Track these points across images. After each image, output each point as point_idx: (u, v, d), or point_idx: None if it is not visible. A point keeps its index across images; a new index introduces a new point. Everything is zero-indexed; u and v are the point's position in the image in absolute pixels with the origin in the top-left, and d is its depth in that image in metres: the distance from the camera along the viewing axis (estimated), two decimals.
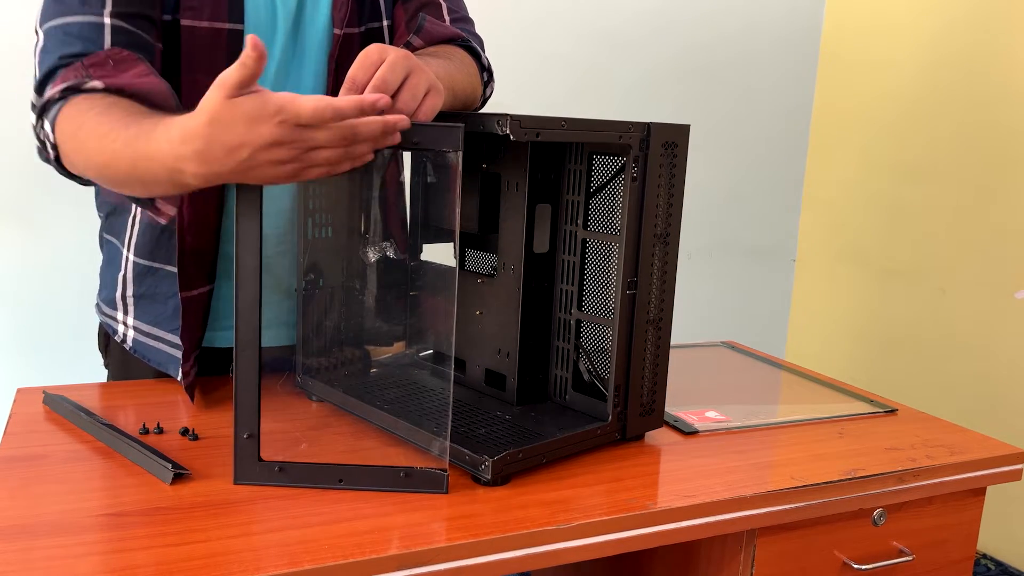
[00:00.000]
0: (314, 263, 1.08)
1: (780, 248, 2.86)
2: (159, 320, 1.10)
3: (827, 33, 2.74)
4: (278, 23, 1.07)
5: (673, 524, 0.85)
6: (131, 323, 1.13)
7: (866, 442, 1.05)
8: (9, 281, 1.94)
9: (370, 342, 1.15)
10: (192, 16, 1.01)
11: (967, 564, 1.06)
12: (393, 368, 1.14)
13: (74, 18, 0.95)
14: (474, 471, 0.86)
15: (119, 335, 1.15)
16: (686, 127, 0.96)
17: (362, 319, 1.13)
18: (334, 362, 1.11)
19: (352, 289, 1.11)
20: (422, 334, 1.16)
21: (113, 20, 0.95)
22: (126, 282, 1.12)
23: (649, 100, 2.53)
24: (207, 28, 1.01)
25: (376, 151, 0.81)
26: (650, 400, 1.00)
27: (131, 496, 0.81)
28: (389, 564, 0.73)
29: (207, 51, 1.01)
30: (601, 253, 1.00)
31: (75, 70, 0.92)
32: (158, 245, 1.09)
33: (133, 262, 1.11)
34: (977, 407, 2.29)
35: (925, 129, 2.42)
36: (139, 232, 1.10)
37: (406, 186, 1.20)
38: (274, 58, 1.07)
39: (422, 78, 0.85)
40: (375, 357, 1.15)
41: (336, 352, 1.11)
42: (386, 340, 1.17)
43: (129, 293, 1.12)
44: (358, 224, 1.10)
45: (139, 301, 1.12)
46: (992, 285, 2.26)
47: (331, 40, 1.09)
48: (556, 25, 2.38)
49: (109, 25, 0.95)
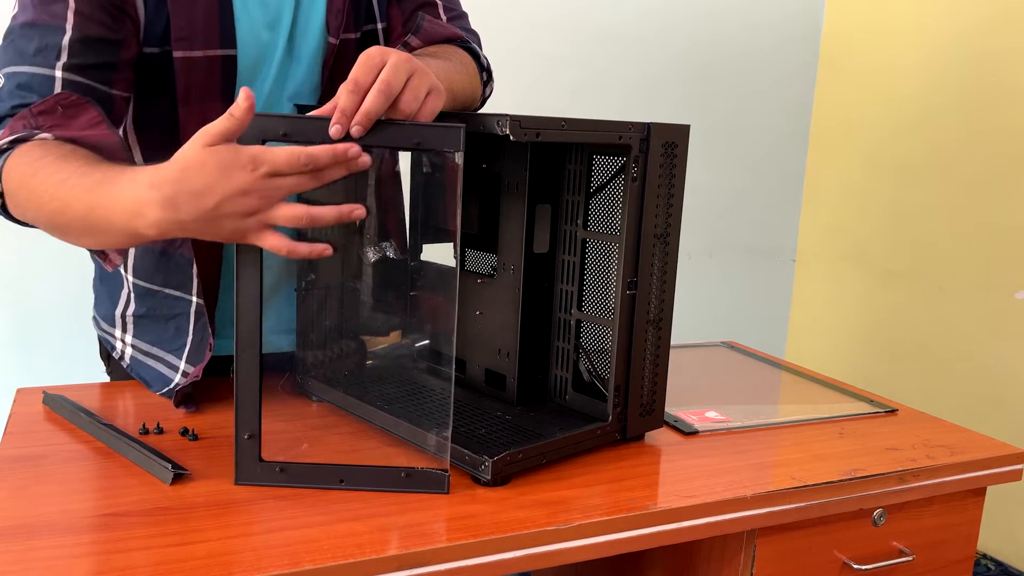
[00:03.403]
0: (314, 263, 1.08)
1: (780, 248, 2.86)
2: (160, 340, 1.09)
3: (827, 33, 2.74)
4: (278, 43, 1.05)
5: (673, 524, 0.85)
6: (129, 341, 1.12)
7: (866, 442, 1.05)
8: (9, 281, 1.94)
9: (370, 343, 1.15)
10: (184, 47, 0.99)
11: (967, 564, 1.06)
12: (393, 367, 1.14)
13: (27, 68, 0.93)
14: (474, 471, 0.86)
15: (117, 352, 1.14)
16: (686, 127, 0.96)
17: (362, 319, 1.13)
18: (334, 362, 1.11)
19: (352, 289, 1.11)
20: (423, 334, 1.16)
21: (65, 73, 0.93)
22: (128, 302, 1.11)
23: (649, 100, 2.53)
24: (201, 57, 1.00)
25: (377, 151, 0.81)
26: (650, 400, 1.00)
27: (131, 496, 0.81)
28: (389, 564, 0.73)
29: (202, 80, 1.00)
30: (601, 253, 1.00)
31: (23, 119, 0.91)
32: (157, 269, 1.08)
33: (133, 283, 1.10)
34: (977, 407, 2.29)
35: (925, 129, 2.42)
36: (137, 255, 1.09)
37: (405, 186, 1.20)
38: (270, 77, 1.06)
39: (423, 79, 0.85)
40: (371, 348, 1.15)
41: (336, 352, 1.11)
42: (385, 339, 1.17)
43: (130, 312, 1.11)
44: (358, 224, 1.10)
45: (140, 321, 1.11)
46: (992, 285, 2.26)
47: (326, 48, 1.08)
48: (556, 25, 2.38)
49: (60, 79, 0.93)
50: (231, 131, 0.76)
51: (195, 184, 0.75)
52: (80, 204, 0.83)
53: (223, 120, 0.76)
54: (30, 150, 0.88)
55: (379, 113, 0.81)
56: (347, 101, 0.80)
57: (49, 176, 0.85)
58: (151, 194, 0.77)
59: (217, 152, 0.75)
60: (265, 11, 1.04)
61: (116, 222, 0.81)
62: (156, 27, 0.98)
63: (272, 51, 1.05)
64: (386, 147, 0.87)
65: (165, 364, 1.08)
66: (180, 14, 0.98)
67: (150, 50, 0.99)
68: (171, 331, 1.08)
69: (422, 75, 0.85)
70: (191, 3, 0.98)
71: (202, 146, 0.76)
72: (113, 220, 0.81)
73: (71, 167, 0.85)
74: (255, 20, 1.03)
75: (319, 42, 1.08)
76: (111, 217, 0.81)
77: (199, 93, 1.00)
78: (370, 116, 0.80)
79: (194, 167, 0.76)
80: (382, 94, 0.80)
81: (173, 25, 0.98)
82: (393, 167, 1.18)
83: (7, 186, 0.90)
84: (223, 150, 0.76)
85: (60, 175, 0.85)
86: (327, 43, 1.08)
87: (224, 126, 0.76)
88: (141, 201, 0.78)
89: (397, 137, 0.82)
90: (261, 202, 0.77)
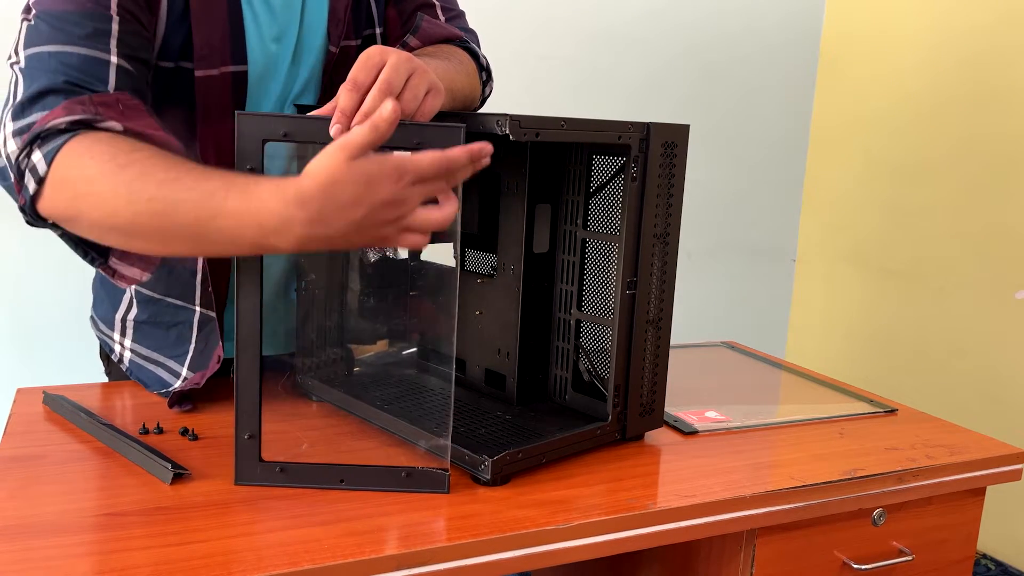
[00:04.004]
0: (314, 263, 1.08)
1: (780, 248, 2.86)
2: (161, 346, 1.09)
3: (827, 33, 2.74)
4: (286, 55, 1.05)
5: (673, 524, 0.85)
6: (129, 345, 1.12)
7: (866, 442, 1.05)
8: (9, 281, 1.94)
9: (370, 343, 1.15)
10: (205, 66, 0.97)
11: (967, 564, 1.06)
12: (393, 367, 1.14)
13: (75, 48, 0.86)
14: (474, 471, 0.87)
15: (116, 355, 1.14)
16: (686, 127, 0.96)
17: (362, 319, 1.13)
18: (334, 362, 1.11)
19: (352, 289, 1.11)
20: (423, 334, 1.16)
21: (121, 60, 0.88)
22: (130, 306, 1.10)
23: (649, 100, 2.53)
24: (218, 75, 0.99)
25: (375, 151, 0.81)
26: (650, 400, 1.00)
27: (131, 496, 0.81)
28: (389, 564, 0.73)
29: (217, 98, 0.99)
30: (601, 253, 1.00)
31: (82, 104, 0.84)
32: (159, 279, 1.06)
33: (136, 290, 1.09)
34: (977, 407, 2.29)
35: (925, 129, 2.42)
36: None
37: None
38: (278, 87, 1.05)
39: (423, 79, 0.84)
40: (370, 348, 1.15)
41: (336, 352, 1.11)
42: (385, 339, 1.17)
43: (131, 317, 1.11)
44: None
45: (140, 326, 1.10)
46: (992, 285, 2.26)
47: (326, 55, 1.08)
48: (556, 25, 2.38)
49: (115, 64, 0.88)
50: (374, 143, 0.74)
51: (343, 198, 0.73)
52: (197, 209, 0.76)
53: (366, 132, 0.73)
54: (111, 141, 0.81)
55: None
56: (347, 101, 0.80)
57: (148, 172, 0.78)
58: (299, 212, 0.73)
59: (362, 164, 0.73)
60: (273, 24, 1.03)
61: (246, 235, 0.75)
62: (173, 42, 0.96)
63: (280, 62, 1.05)
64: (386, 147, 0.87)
65: (166, 369, 1.08)
66: (201, 32, 0.96)
67: (164, 64, 0.97)
68: (172, 338, 1.08)
69: (422, 74, 0.84)
70: (210, 21, 0.97)
71: (346, 159, 0.73)
72: (243, 233, 0.75)
73: (180, 166, 0.79)
74: (264, 34, 1.02)
75: (320, 51, 1.08)
76: (240, 230, 0.75)
77: (217, 111, 0.99)
78: (370, 116, 0.80)
79: (341, 182, 0.72)
80: (382, 94, 0.80)
81: (196, 44, 0.96)
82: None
83: (57, 174, 0.82)
84: (368, 162, 0.73)
85: (165, 173, 0.78)
86: (328, 52, 1.08)
87: (368, 138, 0.73)
88: (286, 218, 0.73)
89: (397, 137, 0.82)
90: (404, 208, 0.75)
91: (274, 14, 1.03)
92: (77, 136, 0.82)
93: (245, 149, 0.80)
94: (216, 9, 0.97)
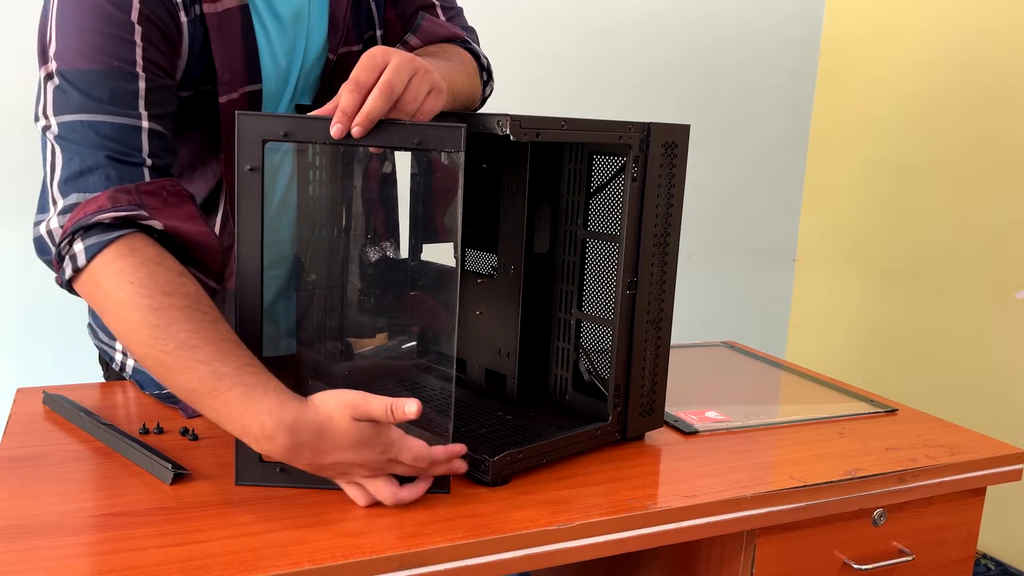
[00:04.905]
0: (314, 263, 1.08)
1: (780, 248, 2.86)
2: None
3: (827, 34, 2.74)
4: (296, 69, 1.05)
5: (673, 524, 0.85)
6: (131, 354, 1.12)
7: (866, 442, 1.05)
8: (9, 281, 1.94)
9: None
10: (227, 91, 0.98)
11: (967, 564, 1.06)
12: (393, 367, 1.14)
13: (107, 118, 0.87)
14: (474, 471, 0.86)
15: (116, 363, 1.13)
16: (686, 127, 0.96)
17: (362, 319, 1.13)
18: (334, 362, 1.11)
19: (352, 289, 1.11)
20: (423, 334, 1.16)
21: (151, 124, 0.89)
22: None
23: (649, 100, 2.53)
24: (238, 97, 0.99)
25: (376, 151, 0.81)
26: (650, 400, 1.00)
27: (131, 496, 0.81)
28: (389, 564, 0.73)
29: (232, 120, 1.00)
30: (601, 253, 1.00)
31: (128, 193, 0.85)
32: None
33: None
34: (977, 407, 2.29)
35: (925, 129, 2.42)
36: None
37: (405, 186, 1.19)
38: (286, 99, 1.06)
39: (424, 79, 0.84)
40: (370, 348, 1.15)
41: (336, 352, 1.11)
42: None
43: None
44: (358, 225, 1.10)
45: None
46: (992, 285, 2.26)
47: (325, 62, 1.08)
48: (556, 25, 2.37)
49: (147, 129, 0.89)
50: (380, 420, 0.78)
51: (326, 445, 0.78)
52: (201, 382, 0.78)
53: (381, 409, 0.78)
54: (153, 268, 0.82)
55: (381, 114, 0.80)
56: (348, 101, 0.80)
57: (173, 324, 0.79)
58: (285, 437, 0.77)
59: (360, 428, 0.78)
60: (284, 39, 1.03)
61: (232, 427, 0.79)
62: (193, 73, 0.96)
63: (291, 75, 1.05)
64: (387, 147, 0.87)
65: None
66: (222, 61, 0.97)
67: (184, 94, 0.97)
68: None
69: (423, 75, 0.84)
70: (229, 46, 0.97)
71: (351, 417, 0.78)
72: (230, 423, 0.79)
73: (205, 330, 0.80)
74: (276, 50, 1.02)
75: (319, 57, 1.07)
76: (229, 421, 0.79)
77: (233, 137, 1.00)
78: (371, 117, 0.80)
79: (335, 433, 0.78)
80: (384, 95, 0.80)
81: (219, 72, 0.97)
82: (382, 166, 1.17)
83: (93, 275, 0.83)
84: (367, 428, 0.78)
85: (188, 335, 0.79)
86: (326, 59, 1.08)
87: (378, 414, 0.78)
88: (271, 435, 0.77)
89: (397, 137, 0.82)
90: (370, 472, 0.80)
91: (284, 30, 1.03)
92: (122, 239, 0.83)
93: (245, 149, 0.80)
94: (233, 35, 0.97)
